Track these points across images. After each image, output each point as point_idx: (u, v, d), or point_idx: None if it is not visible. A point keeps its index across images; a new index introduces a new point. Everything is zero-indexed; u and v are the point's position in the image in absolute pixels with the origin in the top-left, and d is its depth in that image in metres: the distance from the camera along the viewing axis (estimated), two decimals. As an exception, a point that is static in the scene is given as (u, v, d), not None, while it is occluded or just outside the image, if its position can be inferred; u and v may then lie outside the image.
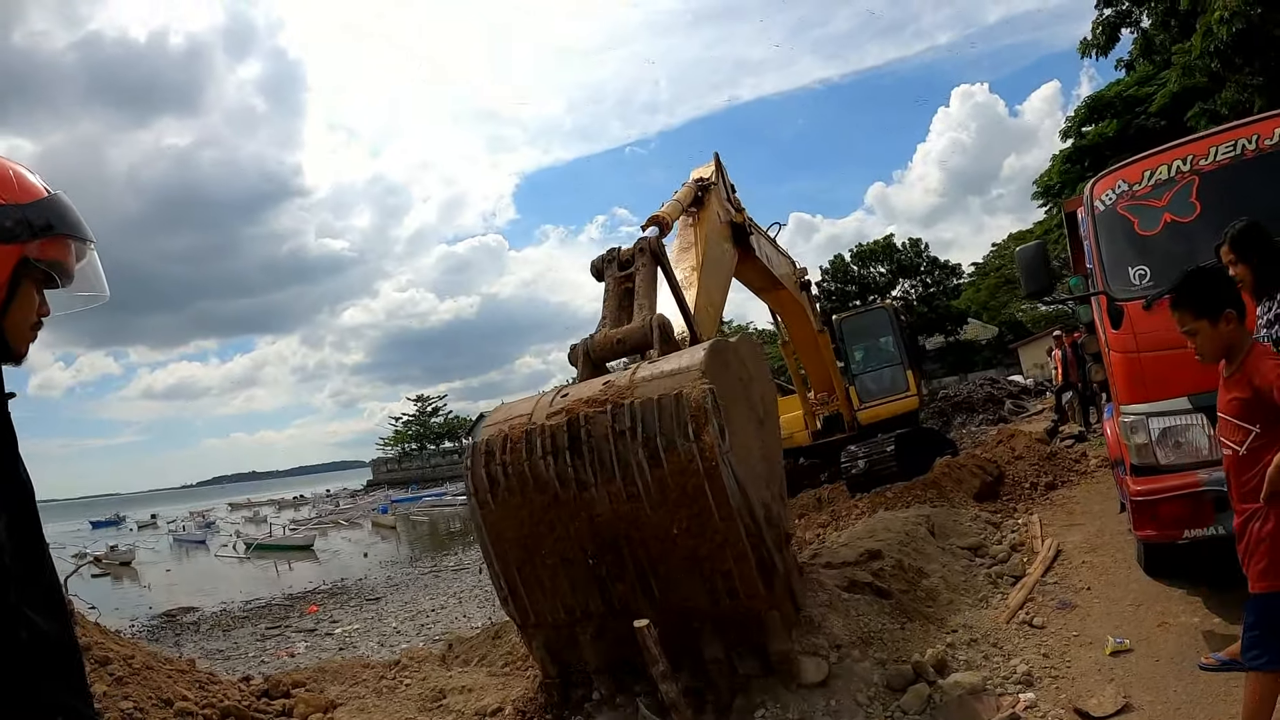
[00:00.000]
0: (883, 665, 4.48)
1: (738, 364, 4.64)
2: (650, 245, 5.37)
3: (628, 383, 4.12)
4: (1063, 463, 10.78)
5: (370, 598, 18.99)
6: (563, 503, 4.05)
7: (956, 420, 25.71)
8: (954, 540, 7.59)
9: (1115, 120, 25.43)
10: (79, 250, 1.72)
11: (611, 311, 5.20)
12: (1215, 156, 5.24)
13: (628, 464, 3.86)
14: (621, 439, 3.87)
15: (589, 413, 3.98)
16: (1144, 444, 5.00)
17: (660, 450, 3.80)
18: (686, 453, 3.76)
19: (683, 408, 3.77)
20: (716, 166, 7.90)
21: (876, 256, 57.82)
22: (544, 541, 4.19)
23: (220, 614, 19.08)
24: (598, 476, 3.94)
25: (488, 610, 14.54)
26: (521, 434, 4.10)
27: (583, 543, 4.12)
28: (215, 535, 44.79)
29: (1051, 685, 4.48)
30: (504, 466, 4.13)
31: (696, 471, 3.76)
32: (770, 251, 9.87)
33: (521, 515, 4.18)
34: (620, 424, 3.87)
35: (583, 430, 3.96)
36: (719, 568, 3.96)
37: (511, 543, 4.29)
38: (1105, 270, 5.41)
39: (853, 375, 15.21)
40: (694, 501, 3.83)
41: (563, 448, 3.98)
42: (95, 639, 5.34)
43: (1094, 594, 5.89)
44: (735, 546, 3.89)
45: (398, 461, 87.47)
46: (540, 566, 4.28)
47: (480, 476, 4.21)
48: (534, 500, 4.10)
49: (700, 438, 3.74)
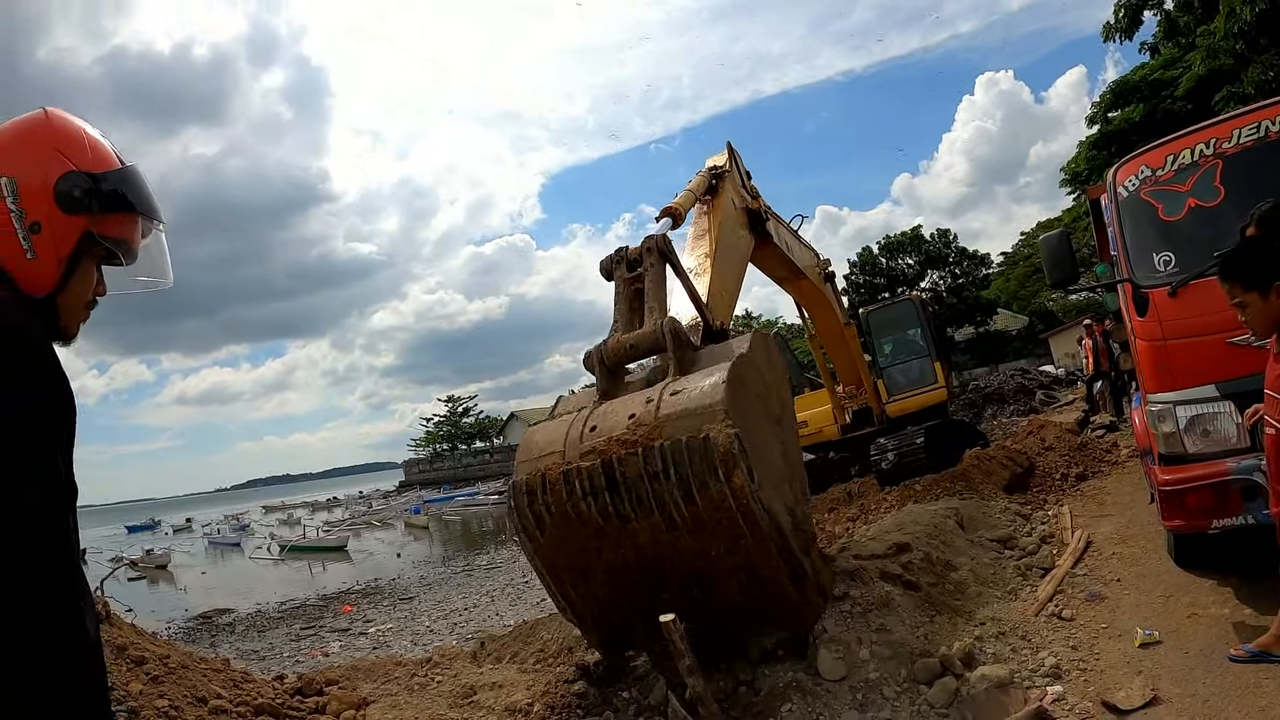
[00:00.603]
0: (910, 659, 4.48)
1: (754, 376, 4.72)
2: (657, 244, 5.31)
3: (654, 420, 4.29)
4: (1093, 453, 10.67)
5: (403, 597, 19.18)
6: (606, 534, 4.30)
7: (987, 412, 25.55)
8: (983, 532, 7.55)
9: (1141, 105, 24.99)
10: (147, 230, 1.63)
11: (623, 314, 5.25)
12: (1239, 139, 5.16)
13: (664, 501, 4.09)
14: (655, 480, 4.07)
15: (622, 454, 4.18)
16: (1171, 433, 4.96)
17: (694, 490, 4.01)
18: (718, 492, 3.98)
19: (710, 452, 3.95)
20: (730, 154, 7.89)
21: (904, 248, 57.37)
22: (593, 564, 4.48)
23: (255, 615, 19.36)
24: (636, 512, 4.17)
25: (520, 608, 14.65)
26: (559, 475, 4.30)
27: (629, 562, 4.40)
28: (250, 538, 45.34)
29: (1080, 678, 4.45)
30: (547, 506, 4.35)
31: (730, 509, 4.00)
32: (790, 240, 9.85)
33: (569, 545, 4.44)
34: (652, 466, 4.07)
35: (618, 472, 4.15)
36: (754, 578, 4.29)
37: (563, 568, 4.59)
38: (1130, 257, 5.35)
39: (880, 368, 15.16)
40: (728, 530, 4.09)
41: (601, 489, 4.18)
42: (131, 639, 5.45)
43: (1124, 586, 5.83)
44: (767, 564, 4.22)
45: (430, 462, 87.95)
46: (592, 583, 4.60)
47: (526, 515, 4.44)
48: (579, 533, 4.35)
49: (730, 480, 3.95)
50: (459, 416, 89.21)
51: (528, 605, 14.84)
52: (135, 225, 1.58)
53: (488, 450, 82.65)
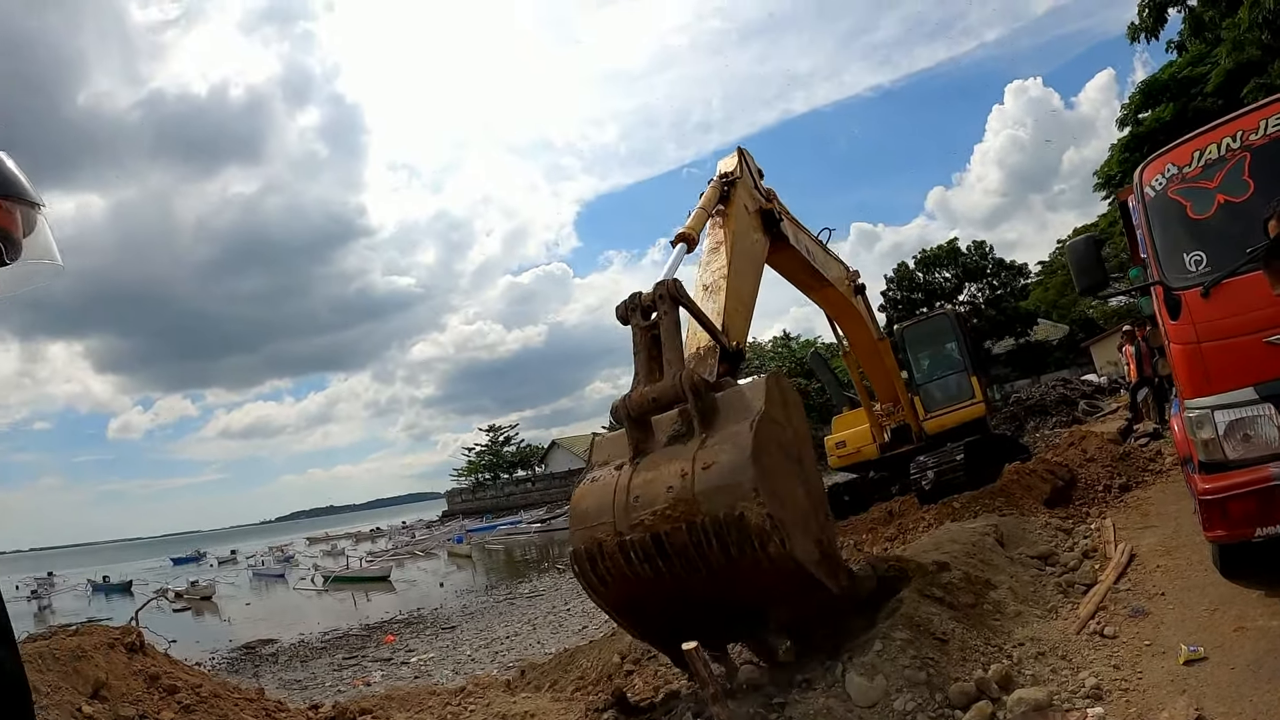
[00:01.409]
0: (944, 683, 4.37)
1: (773, 428, 4.97)
2: (669, 290, 5.44)
3: (691, 494, 4.68)
4: (1136, 463, 10.45)
5: (446, 626, 19.22)
6: (659, 584, 4.79)
7: (1029, 424, 25.08)
8: (1023, 549, 7.38)
9: (1171, 104, 24.58)
10: (26, 217, 1.52)
11: (643, 364, 5.47)
12: (1266, 129, 5.00)
13: (708, 561, 4.56)
14: (699, 548, 4.54)
15: (668, 529, 4.65)
16: (1210, 439, 4.81)
17: (733, 552, 4.47)
18: (754, 558, 4.46)
19: (746, 529, 4.40)
20: (740, 157, 7.88)
21: (941, 262, 56.78)
22: (649, 603, 5.05)
23: (298, 645, 19.49)
24: (686, 572, 4.66)
25: (561, 635, 14.62)
26: (615, 546, 4.82)
27: (679, 601, 4.95)
28: (293, 569, 45.83)
29: (1121, 699, 4.31)
30: (607, 570, 4.90)
31: (769, 567, 4.50)
32: (811, 245, 9.79)
33: (628, 594, 5.02)
34: (696, 537, 4.53)
35: (666, 544, 4.64)
36: (789, 600, 4.90)
37: (624, 609, 5.23)
38: (1160, 258, 5.23)
39: (917, 384, 14.96)
40: (768, 577, 4.61)
41: (652, 555, 4.69)
42: (164, 668, 5.52)
43: (1168, 600, 5.66)
44: (801, 598, 4.86)
45: (472, 491, 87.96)
46: (648, 613, 5.20)
47: (590, 577, 5.02)
48: (636, 586, 4.89)
49: (767, 550, 4.43)
50: (500, 445, 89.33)
51: (569, 633, 14.80)
52: (12, 215, 1.49)
53: (530, 479, 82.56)
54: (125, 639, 5.75)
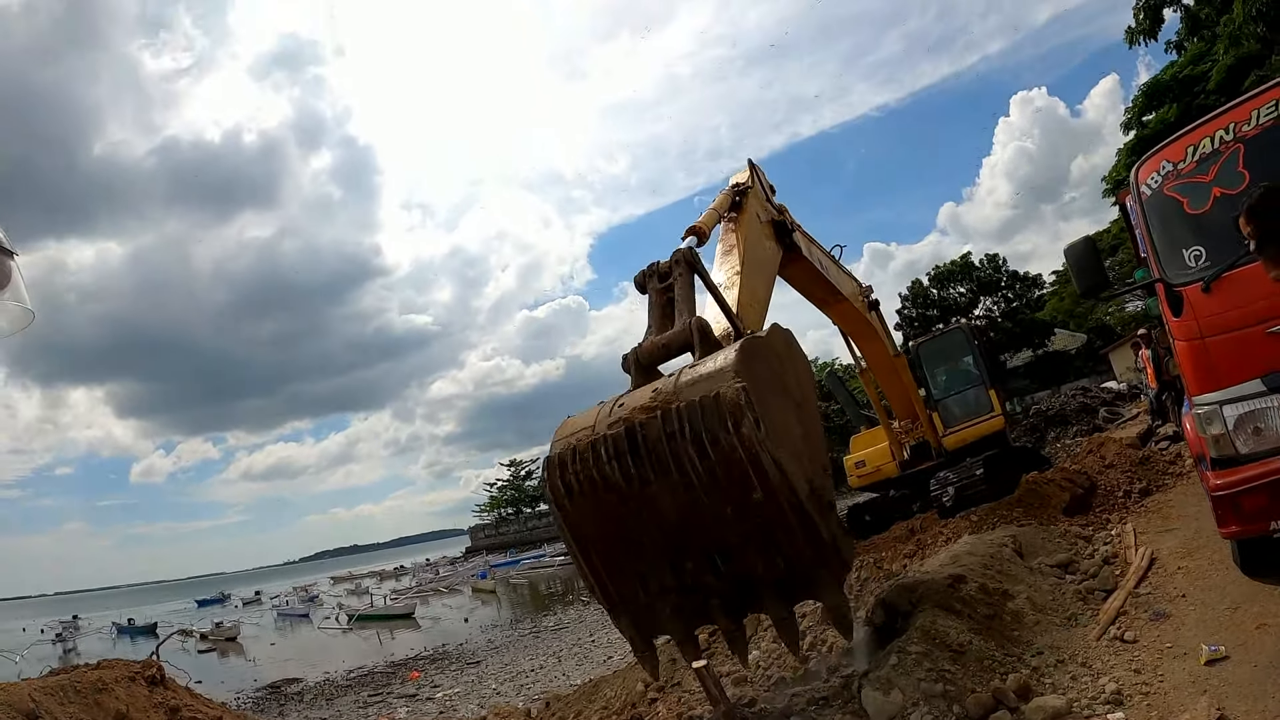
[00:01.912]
0: (962, 695, 4.32)
1: (770, 355, 4.92)
2: (684, 256, 5.64)
3: (673, 389, 4.62)
4: (1156, 466, 10.31)
5: (471, 661, 19.19)
6: (629, 498, 4.51)
7: (1050, 434, 24.91)
8: (1042, 558, 7.30)
9: (1175, 104, 24.47)
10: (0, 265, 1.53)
11: (656, 320, 5.58)
12: (1258, 119, 4.96)
13: (680, 459, 4.33)
14: (673, 439, 4.33)
15: (643, 419, 4.48)
16: (1220, 434, 4.75)
17: (706, 445, 4.24)
18: (729, 444, 4.19)
19: (721, 406, 4.21)
20: (751, 170, 7.95)
21: (955, 277, 56.73)
22: (617, 531, 4.71)
23: (323, 684, 19.49)
24: (656, 473, 4.41)
25: (586, 667, 14.55)
26: (588, 444, 4.60)
27: (651, 530, 4.61)
28: (318, 608, 45.89)
29: (1142, 702, 4.24)
30: (576, 475, 4.62)
31: (740, 460, 4.20)
32: (824, 259, 9.83)
33: (597, 514, 4.69)
34: (670, 426, 4.34)
35: (639, 435, 4.43)
36: (770, 538, 4.44)
37: (591, 539, 4.84)
38: (1159, 256, 5.20)
39: (935, 400, 14.89)
40: (741, 485, 4.28)
41: (624, 452, 4.45)
42: (185, 701, 5.57)
43: (1189, 601, 5.57)
44: (782, 520, 4.36)
45: (495, 527, 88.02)
46: (619, 555, 4.83)
47: (557, 486, 4.72)
48: (605, 500, 4.58)
49: (739, 431, 4.17)
50: (522, 480, 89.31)
51: (595, 664, 14.74)
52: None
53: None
54: (146, 673, 5.81)
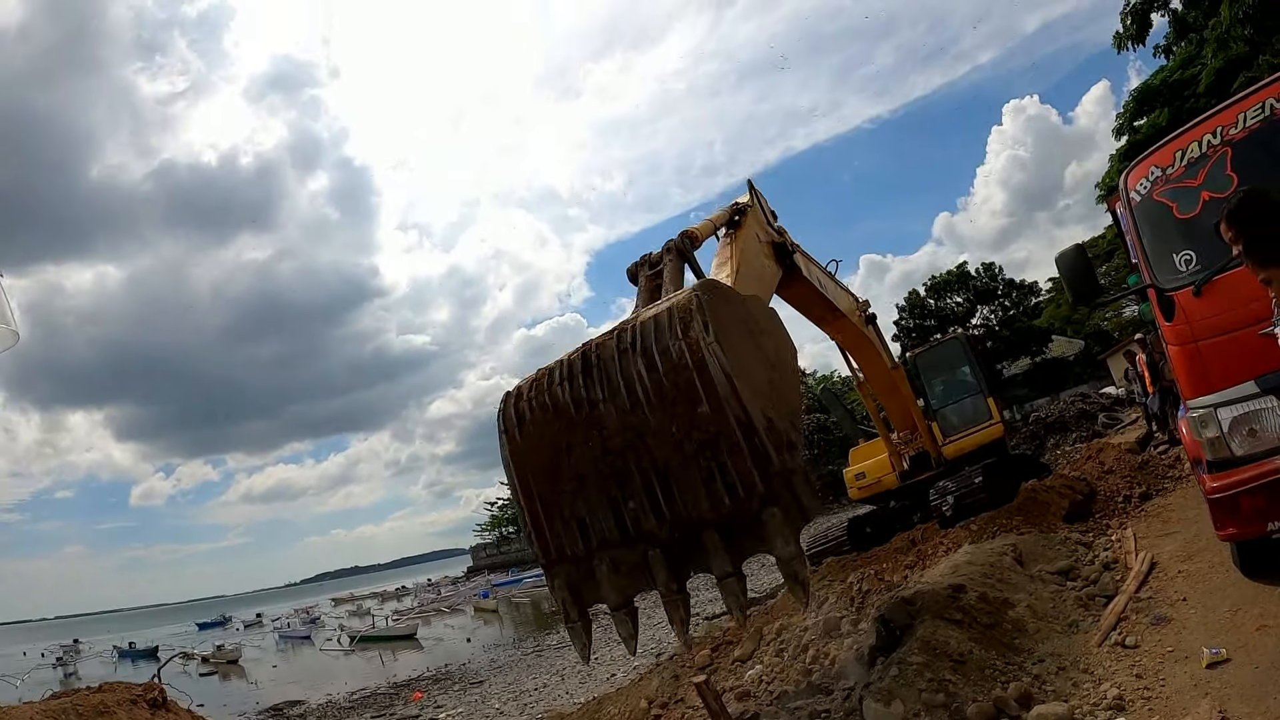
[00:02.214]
0: (963, 704, 4.31)
1: (740, 307, 4.67)
2: (675, 244, 5.56)
3: (634, 321, 4.35)
4: (1155, 471, 10.33)
5: (474, 681, 19.11)
6: (577, 424, 4.30)
7: (1050, 441, 24.92)
8: (1042, 566, 7.29)
9: (1166, 109, 24.53)
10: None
11: (643, 304, 5.36)
12: (1245, 123, 5.01)
13: (630, 376, 4.15)
14: (625, 356, 4.18)
15: (600, 340, 4.35)
16: (1215, 437, 4.76)
17: (655, 356, 4.08)
18: (677, 350, 4.02)
19: (673, 316, 4.08)
20: (751, 191, 7.94)
21: (951, 287, 56.83)
22: (562, 466, 4.42)
23: (326, 706, 19.41)
24: (605, 392, 4.22)
25: (590, 685, 14.50)
26: (545, 373, 4.49)
27: (596, 460, 4.32)
28: (319, 630, 45.71)
29: (1144, 707, 4.23)
30: (529, 401, 4.46)
31: (686, 365, 3.99)
32: (823, 277, 9.83)
33: (543, 444, 4.44)
34: (623, 343, 4.20)
35: (594, 355, 4.30)
36: (716, 461, 4.07)
37: (535, 473, 4.53)
38: (1150, 261, 5.23)
39: (934, 410, 14.91)
40: (687, 396, 4.02)
41: (577, 373, 4.31)
42: (186, 723, 5.56)
43: (1190, 605, 5.56)
44: (729, 438, 4.00)
45: (496, 546, 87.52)
46: (560, 494, 4.49)
47: (510, 414, 4.52)
48: (553, 426, 4.37)
49: (687, 334, 4.00)
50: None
51: (598, 682, 14.69)
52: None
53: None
54: (148, 695, 5.81)
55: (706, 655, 8.26)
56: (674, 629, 4.58)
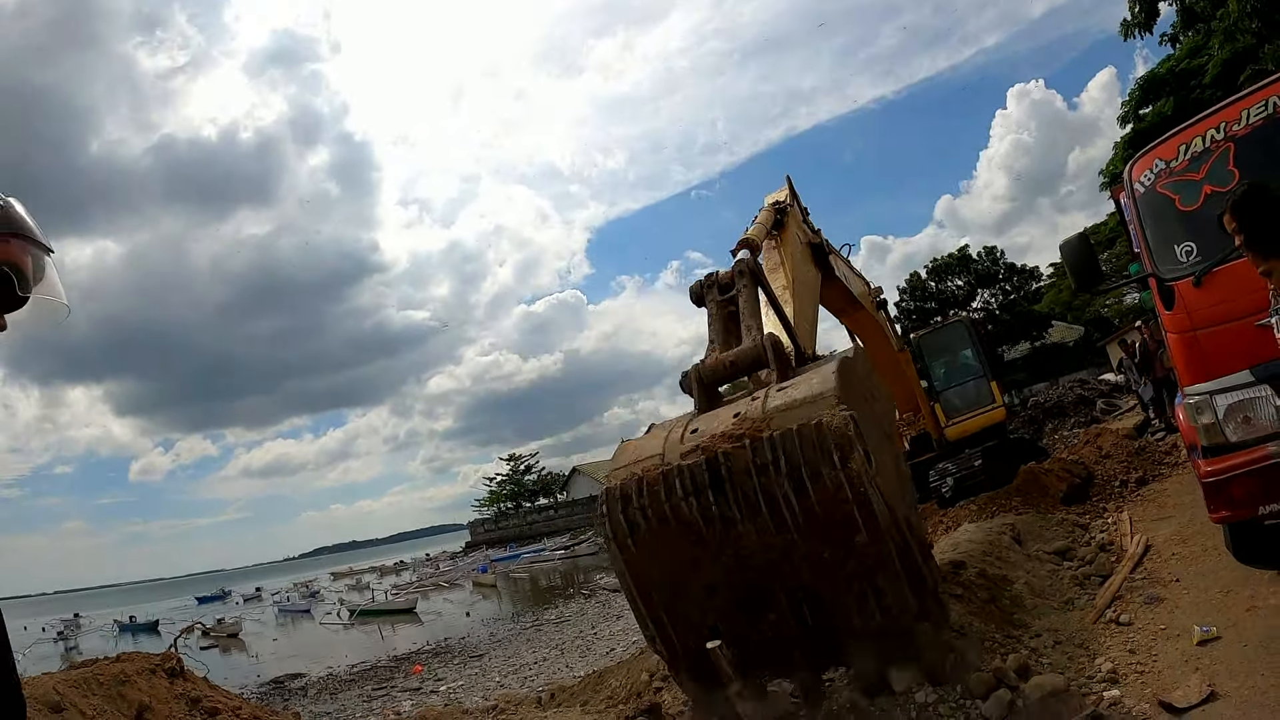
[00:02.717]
0: (964, 674, 4.46)
1: (864, 377, 4.63)
2: (749, 266, 5.27)
3: (761, 414, 4.10)
4: (1152, 456, 10.51)
5: (474, 655, 19.26)
6: (707, 540, 4.02)
7: (1048, 426, 25.06)
8: (1039, 546, 7.47)
9: (1171, 98, 24.42)
10: (37, 260, 1.69)
11: (719, 334, 5.13)
12: (1248, 119, 5.08)
13: (773, 497, 3.84)
14: (764, 473, 3.84)
15: (727, 448, 3.96)
16: (1211, 423, 4.88)
17: (806, 480, 3.77)
18: (834, 480, 3.74)
19: (825, 436, 3.75)
20: (790, 190, 7.95)
21: (953, 270, 56.85)
22: (689, 580, 4.18)
23: (327, 679, 19.54)
24: (742, 512, 3.91)
25: (590, 659, 14.66)
26: (658, 476, 4.08)
27: (731, 576, 4.10)
28: (319, 604, 45.93)
29: (1137, 680, 4.40)
30: (642, 510, 4.09)
31: (846, 499, 3.75)
32: (846, 271, 9.95)
33: (664, 556, 4.16)
34: (761, 458, 3.85)
35: (723, 468, 3.92)
36: (872, 586, 3.96)
37: (656, 584, 4.28)
38: (1152, 252, 5.32)
39: (936, 392, 15.03)
40: (844, 527, 3.81)
41: (704, 486, 3.94)
42: (205, 692, 5.72)
43: (1183, 585, 5.74)
44: (888, 566, 3.90)
45: (495, 521, 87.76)
46: (687, 603, 4.26)
47: (619, 522, 4.17)
48: (677, 541, 4.07)
49: (847, 465, 3.72)
50: (521, 474, 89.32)
51: (597, 655, 14.84)
52: (25, 251, 1.65)
53: (552, 506, 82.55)
54: (166, 665, 5.95)
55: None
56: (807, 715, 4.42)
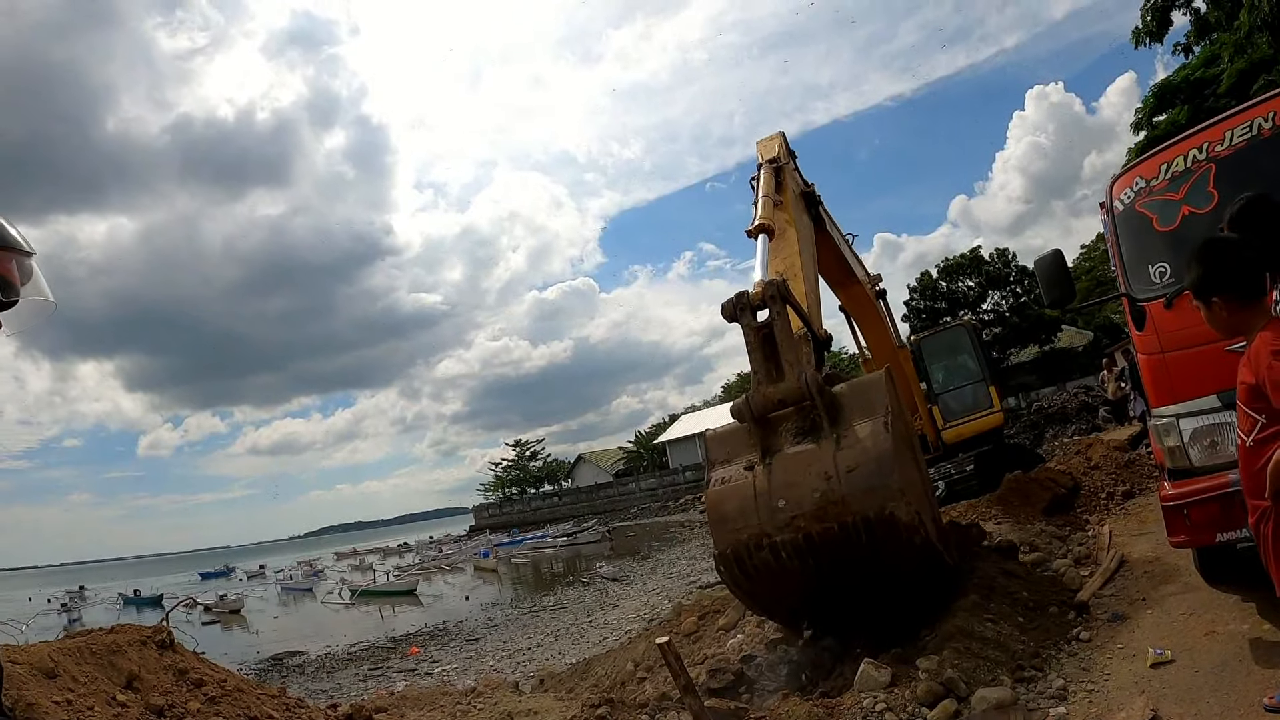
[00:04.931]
0: (913, 683, 4.58)
1: (901, 420, 5.44)
2: (779, 290, 5.71)
3: (840, 499, 5.03)
4: (1142, 469, 10.52)
5: (470, 638, 19.49)
6: (803, 578, 5.25)
7: (1049, 432, 25.08)
8: (1014, 556, 7.52)
9: (1186, 106, 24.31)
10: (21, 264, 1.80)
11: (760, 364, 5.71)
12: (1231, 140, 5.08)
13: (856, 556, 5.01)
14: (849, 546, 4.95)
15: (819, 530, 5.02)
16: (1176, 446, 4.93)
17: (883, 547, 4.95)
18: (903, 547, 4.98)
19: (896, 524, 4.86)
20: (784, 143, 8.12)
21: (964, 270, 56.57)
22: (788, 592, 5.51)
23: (325, 657, 19.82)
24: (831, 566, 5.11)
25: (582, 646, 14.84)
26: (766, 547, 5.19)
27: (820, 590, 5.39)
28: (321, 583, 46.27)
29: (1085, 699, 4.47)
30: (754, 569, 5.29)
31: (911, 557, 5.09)
32: (839, 237, 10.06)
33: (767, 588, 5.49)
34: (846, 535, 4.94)
35: (816, 542, 5.03)
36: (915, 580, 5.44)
37: (765, 601, 5.82)
38: (1126, 270, 5.36)
39: (935, 395, 15.10)
40: (903, 563, 5.15)
41: (804, 555, 5.09)
42: (192, 664, 5.93)
43: (1148, 604, 5.79)
44: (926, 573, 5.40)
45: (499, 506, 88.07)
46: (788, 603, 5.76)
47: (736, 576, 5.42)
48: (780, 581, 5.32)
49: (914, 541, 4.95)
50: (527, 460, 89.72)
51: (590, 644, 15.02)
52: (9, 262, 1.78)
53: (556, 493, 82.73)
54: (156, 637, 6.15)
55: (694, 623, 8.54)
56: None
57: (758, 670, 5.82)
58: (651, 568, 26.78)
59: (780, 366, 5.60)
